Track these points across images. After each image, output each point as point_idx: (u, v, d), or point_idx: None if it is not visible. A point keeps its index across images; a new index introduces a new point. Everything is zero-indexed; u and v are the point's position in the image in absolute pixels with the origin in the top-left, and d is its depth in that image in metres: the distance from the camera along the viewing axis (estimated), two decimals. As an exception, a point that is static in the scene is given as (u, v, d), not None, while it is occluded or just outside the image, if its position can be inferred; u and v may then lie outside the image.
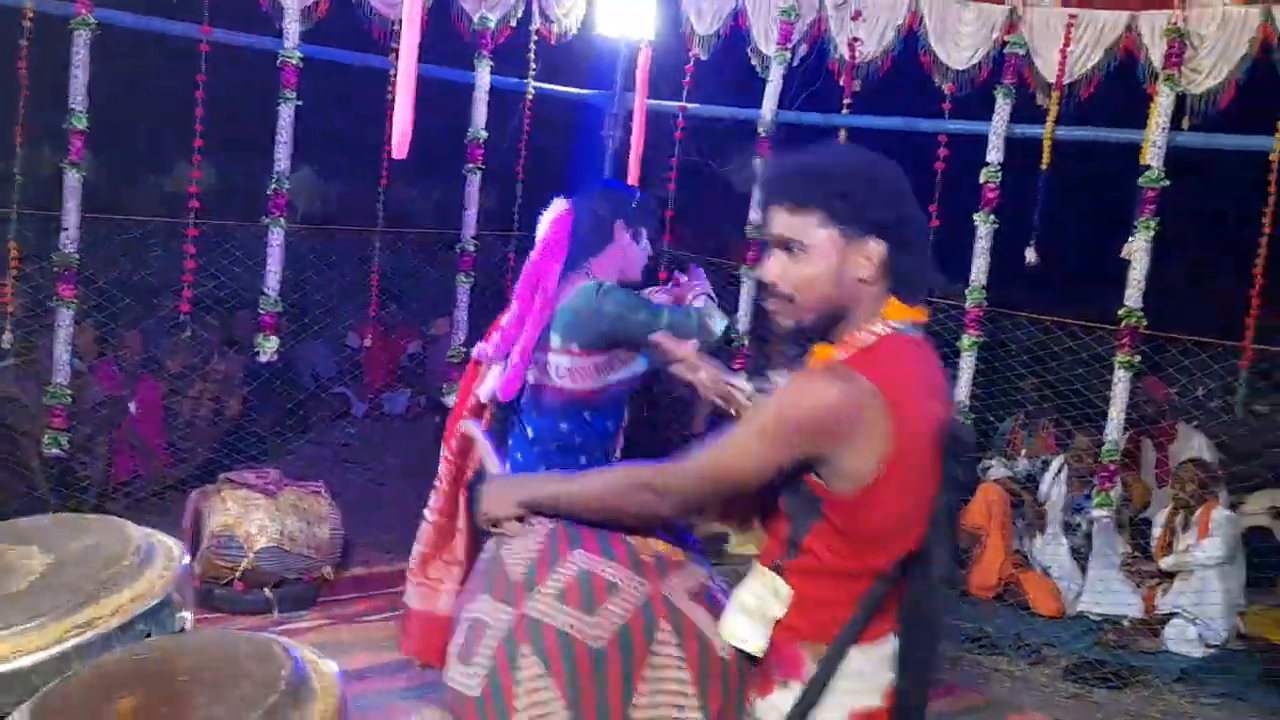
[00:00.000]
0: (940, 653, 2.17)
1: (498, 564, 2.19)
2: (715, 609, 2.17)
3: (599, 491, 2.22)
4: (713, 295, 3.90)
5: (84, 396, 6.01)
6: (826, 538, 2.03)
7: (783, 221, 2.10)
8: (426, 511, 3.97)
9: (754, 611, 2.09)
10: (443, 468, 4.00)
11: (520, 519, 2.23)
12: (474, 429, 3.06)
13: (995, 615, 5.92)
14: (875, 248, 2.05)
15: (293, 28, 5.80)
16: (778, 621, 2.07)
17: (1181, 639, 5.75)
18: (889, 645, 2.05)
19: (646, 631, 2.07)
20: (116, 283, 7.21)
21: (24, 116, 5.41)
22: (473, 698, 2.07)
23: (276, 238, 5.97)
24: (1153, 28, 5.53)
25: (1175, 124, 5.53)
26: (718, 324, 3.65)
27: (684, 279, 3.95)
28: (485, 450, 2.83)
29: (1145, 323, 5.64)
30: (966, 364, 5.99)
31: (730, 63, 6.85)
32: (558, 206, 3.83)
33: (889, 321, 2.08)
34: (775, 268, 2.11)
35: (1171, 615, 5.83)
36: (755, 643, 2.07)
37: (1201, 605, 5.78)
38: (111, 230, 6.52)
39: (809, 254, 2.07)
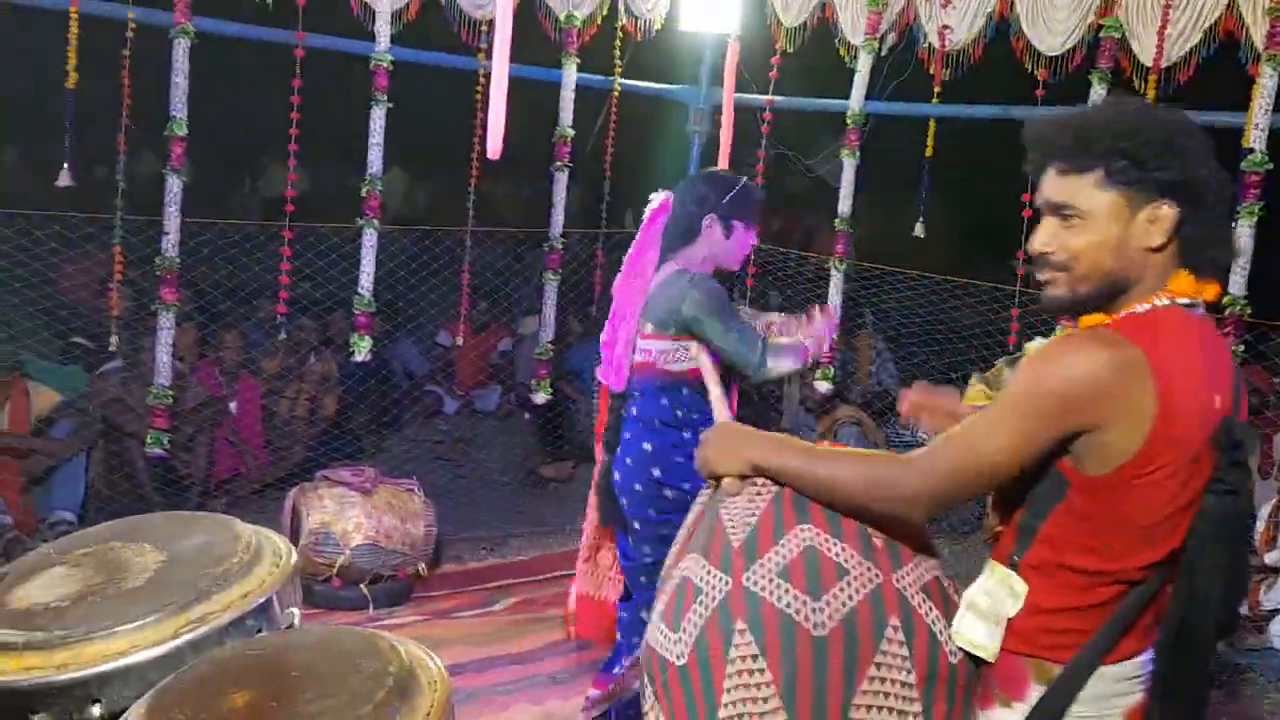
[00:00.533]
0: (1207, 689, 1.92)
1: (716, 523, 2.00)
2: (948, 606, 1.98)
3: (840, 479, 1.93)
4: (825, 344, 3.85)
5: (185, 397, 6.13)
6: (1069, 526, 1.85)
7: (1054, 184, 1.93)
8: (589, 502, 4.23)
9: (987, 612, 1.92)
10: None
11: (743, 477, 2.01)
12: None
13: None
14: (1166, 211, 1.85)
15: (384, 31, 5.86)
16: (1007, 622, 1.90)
17: (1290, 637, 5.61)
18: (1133, 663, 1.88)
19: (875, 625, 1.87)
20: (216, 285, 7.35)
21: (126, 125, 5.52)
22: (677, 665, 1.92)
23: (370, 239, 6.05)
24: (1255, 6, 5.38)
25: (1279, 106, 5.39)
26: (780, 365, 3.61)
27: (816, 319, 3.85)
28: (716, 395, 2.52)
29: (1249, 310, 5.50)
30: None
31: (817, 55, 6.79)
32: (657, 198, 3.90)
33: (1173, 295, 1.88)
34: (1045, 236, 1.93)
35: (1276, 611, 5.69)
36: (989, 646, 1.91)
37: (1312, 601, 5.64)
38: (211, 234, 6.62)
39: (1086, 220, 1.88)
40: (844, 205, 6.72)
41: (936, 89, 6.32)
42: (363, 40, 5.91)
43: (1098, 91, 5.79)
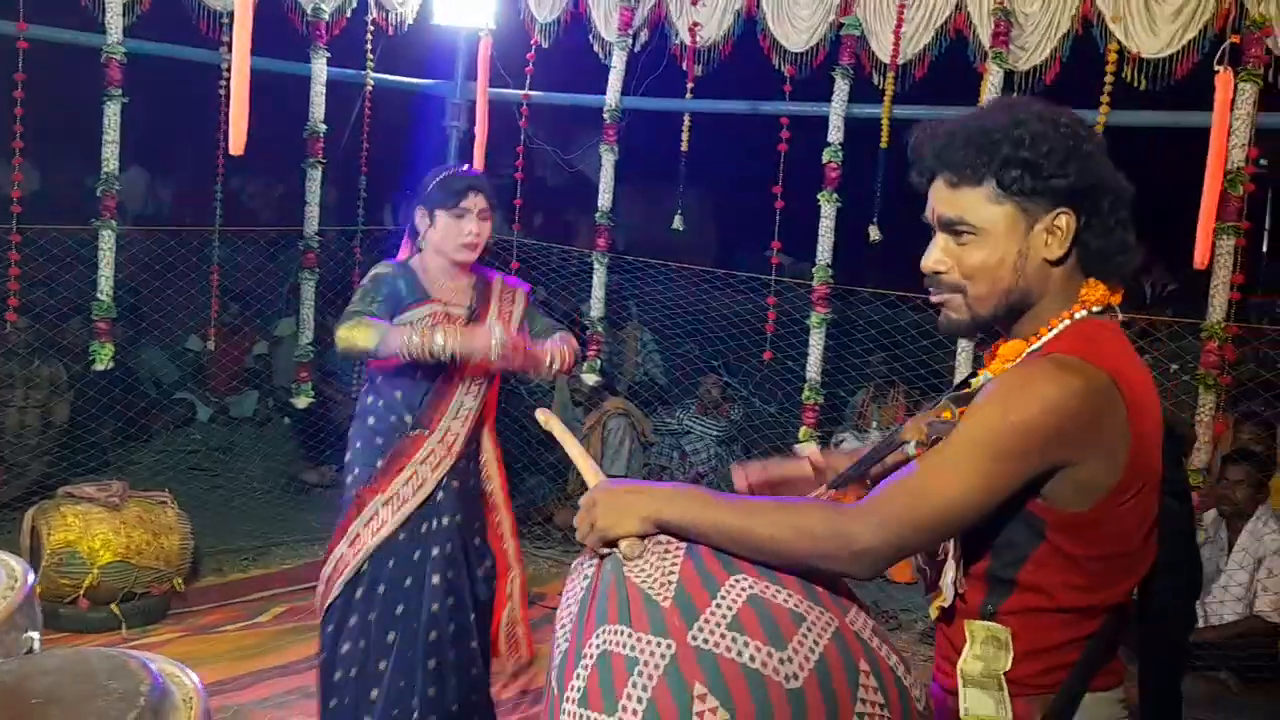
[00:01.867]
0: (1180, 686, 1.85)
1: (626, 588, 1.69)
2: (891, 647, 1.77)
3: (779, 538, 1.66)
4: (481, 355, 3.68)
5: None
6: (1053, 567, 1.72)
7: (945, 198, 1.79)
8: None
9: (985, 677, 1.77)
10: None
11: (642, 537, 1.72)
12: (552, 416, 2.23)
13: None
14: (1064, 221, 1.74)
15: (115, 22, 5.63)
16: (1003, 677, 1.75)
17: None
18: (1122, 690, 1.82)
19: (847, 670, 1.63)
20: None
21: None
22: None
23: (107, 240, 5.81)
24: (981, 7, 5.71)
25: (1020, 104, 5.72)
26: (355, 337, 3.61)
27: (482, 332, 3.64)
28: (571, 443, 2.03)
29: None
30: (815, 341, 6.13)
31: (573, 50, 6.87)
32: None
33: (1088, 305, 1.78)
34: (940, 255, 1.80)
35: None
36: (1002, 715, 1.76)
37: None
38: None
39: (981, 235, 1.76)
40: (604, 199, 6.82)
41: (689, 84, 6.48)
42: (91, 32, 5.67)
43: (840, 87, 6.04)
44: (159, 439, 7.87)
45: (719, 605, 1.63)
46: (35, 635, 1.98)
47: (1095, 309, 1.78)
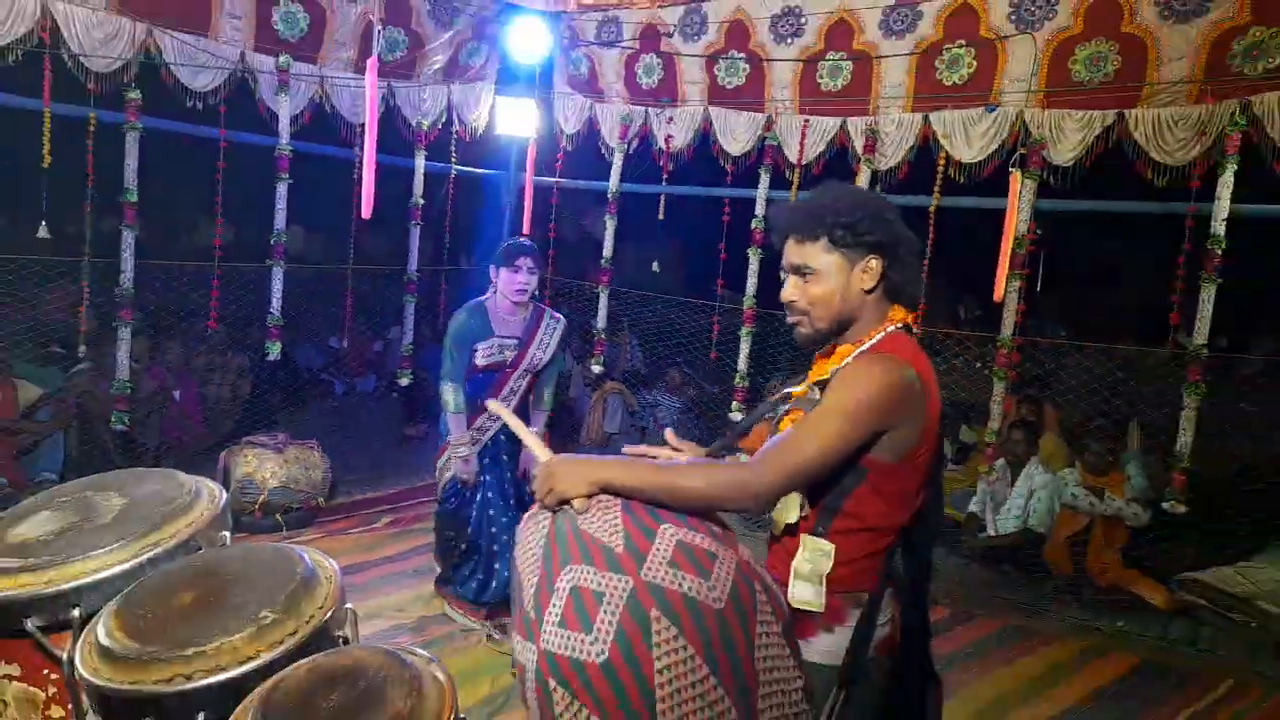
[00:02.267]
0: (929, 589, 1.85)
1: (583, 536, 1.56)
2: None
3: (698, 487, 1.58)
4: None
5: (140, 389, 5.75)
6: (868, 501, 1.70)
7: (795, 251, 1.79)
8: None
9: (810, 575, 1.73)
10: None
11: (588, 497, 1.61)
12: (501, 406, 2.12)
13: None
14: (874, 264, 1.75)
15: (284, 129, 5.63)
16: (826, 578, 1.72)
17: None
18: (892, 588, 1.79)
19: (749, 591, 1.56)
20: (161, 309, 6.91)
21: (91, 195, 5.15)
22: (599, 663, 1.47)
23: (278, 274, 5.83)
24: (857, 128, 5.74)
25: (871, 189, 5.76)
26: (445, 398, 3.76)
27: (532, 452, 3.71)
28: (519, 427, 1.90)
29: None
30: (745, 345, 6.16)
31: (588, 151, 6.87)
32: None
33: (894, 322, 1.79)
34: (792, 290, 1.80)
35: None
36: (817, 602, 1.72)
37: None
38: (157, 272, 6.23)
39: (818, 275, 1.76)
40: (607, 250, 6.82)
41: (665, 175, 6.49)
42: (269, 136, 5.67)
43: (763, 180, 6.06)
44: (310, 406, 7.84)
45: (658, 549, 1.53)
46: (226, 534, 2.00)
47: (899, 325, 1.79)
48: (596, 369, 6.98)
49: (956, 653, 4.15)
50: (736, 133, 6.16)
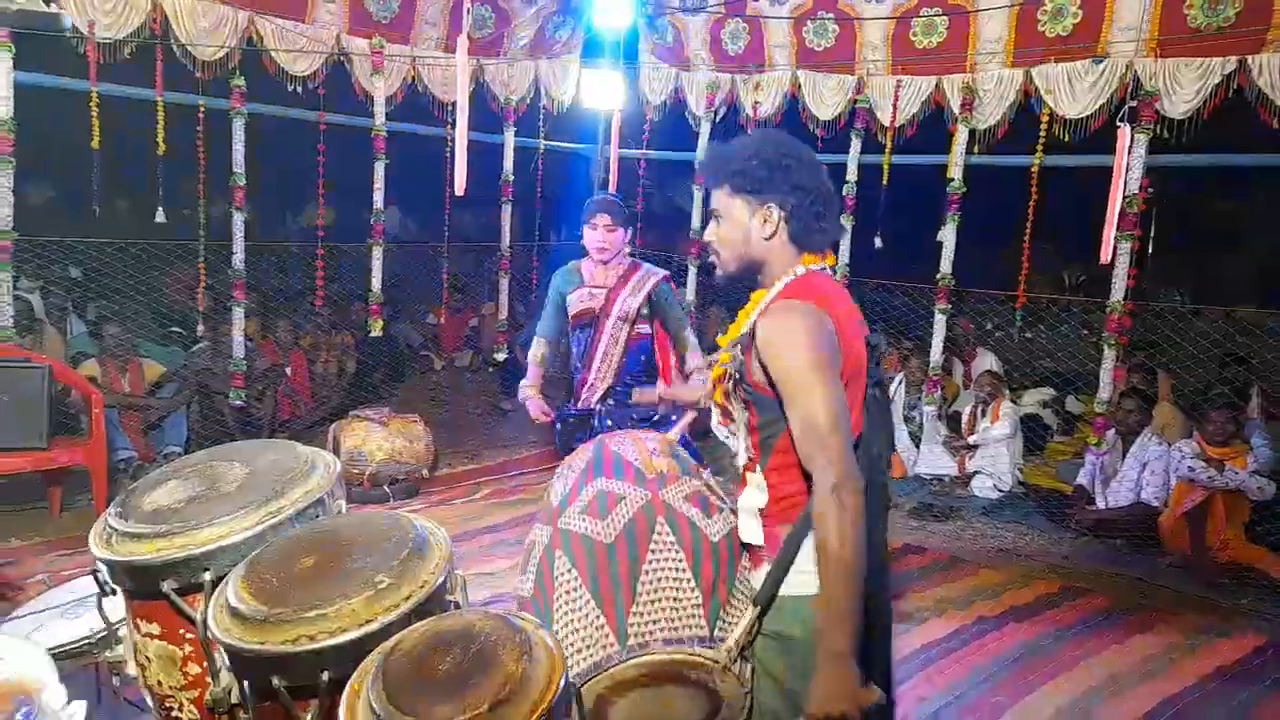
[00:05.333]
0: (883, 519, 1.78)
1: (546, 497, 2.02)
2: (707, 507, 1.89)
3: (840, 549, 1.55)
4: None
5: (255, 365, 5.98)
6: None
7: (712, 196, 1.85)
8: None
9: (749, 510, 1.81)
10: None
11: (864, 701, 1.55)
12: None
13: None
14: (772, 211, 1.76)
15: (380, 110, 5.74)
16: (761, 511, 1.78)
17: (983, 487, 5.85)
18: None
19: (648, 527, 1.83)
20: (271, 289, 7.17)
21: (203, 180, 5.36)
22: (528, 597, 1.90)
23: (377, 253, 5.96)
24: (953, 85, 5.52)
25: (969, 150, 5.55)
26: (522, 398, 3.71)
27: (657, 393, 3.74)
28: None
29: (954, 281, 5.68)
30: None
31: (674, 121, 6.80)
32: None
33: (805, 266, 1.79)
34: (709, 231, 1.86)
35: (976, 473, 5.93)
36: (757, 537, 1.79)
37: (995, 465, 5.87)
38: (267, 254, 6.46)
39: (725, 218, 1.81)
40: (696, 222, 6.76)
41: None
42: (365, 117, 5.78)
43: (855, 145, 5.89)
44: (411, 380, 8.03)
45: (579, 499, 1.90)
46: (343, 503, 2.04)
47: (813, 267, 1.78)
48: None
49: (1066, 630, 3.99)
50: (826, 96, 5.99)
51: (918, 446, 6.20)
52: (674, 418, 3.08)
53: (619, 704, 1.78)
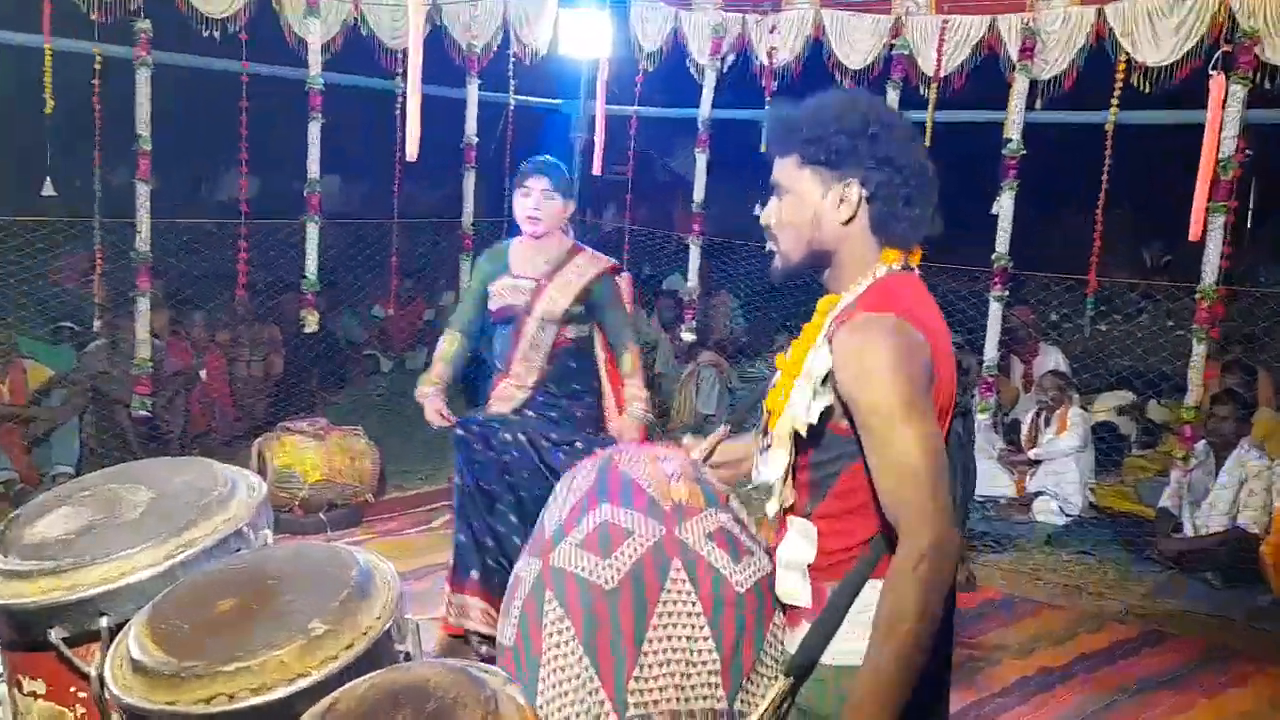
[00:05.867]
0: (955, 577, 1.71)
1: (539, 523, 1.93)
2: (735, 549, 1.82)
3: (916, 628, 1.54)
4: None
5: (162, 367, 5.98)
6: (861, 478, 1.65)
7: (775, 167, 1.76)
8: None
9: (794, 564, 1.75)
10: None
11: None
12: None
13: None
14: (852, 190, 1.69)
15: (315, 59, 5.73)
16: (809, 565, 1.72)
17: (1046, 511, 5.87)
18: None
19: (659, 570, 1.75)
20: (182, 275, 7.16)
21: (99, 143, 5.36)
22: (509, 647, 1.81)
23: (312, 232, 5.96)
24: (1010, 27, 5.54)
25: (1030, 105, 5.57)
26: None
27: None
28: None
29: (1011, 263, 5.71)
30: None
31: (672, 71, 6.81)
32: None
33: (887, 265, 1.72)
34: (767, 210, 1.78)
35: (1038, 494, 5.95)
36: (803, 596, 1.73)
37: (1061, 485, 5.89)
38: (176, 233, 6.46)
39: (791, 194, 1.73)
40: (698, 194, 6.79)
41: (767, 98, 6.37)
42: (297, 68, 5.77)
43: (892, 97, 5.90)
44: (353, 386, 8.02)
45: (577, 530, 1.81)
46: (269, 533, 2.05)
47: (895, 266, 1.72)
48: (688, 337, 6.96)
49: (1146, 679, 4.02)
50: (856, 41, 6.01)
51: (968, 463, 6.21)
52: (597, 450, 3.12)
53: None
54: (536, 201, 3.68)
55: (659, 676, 1.72)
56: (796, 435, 1.69)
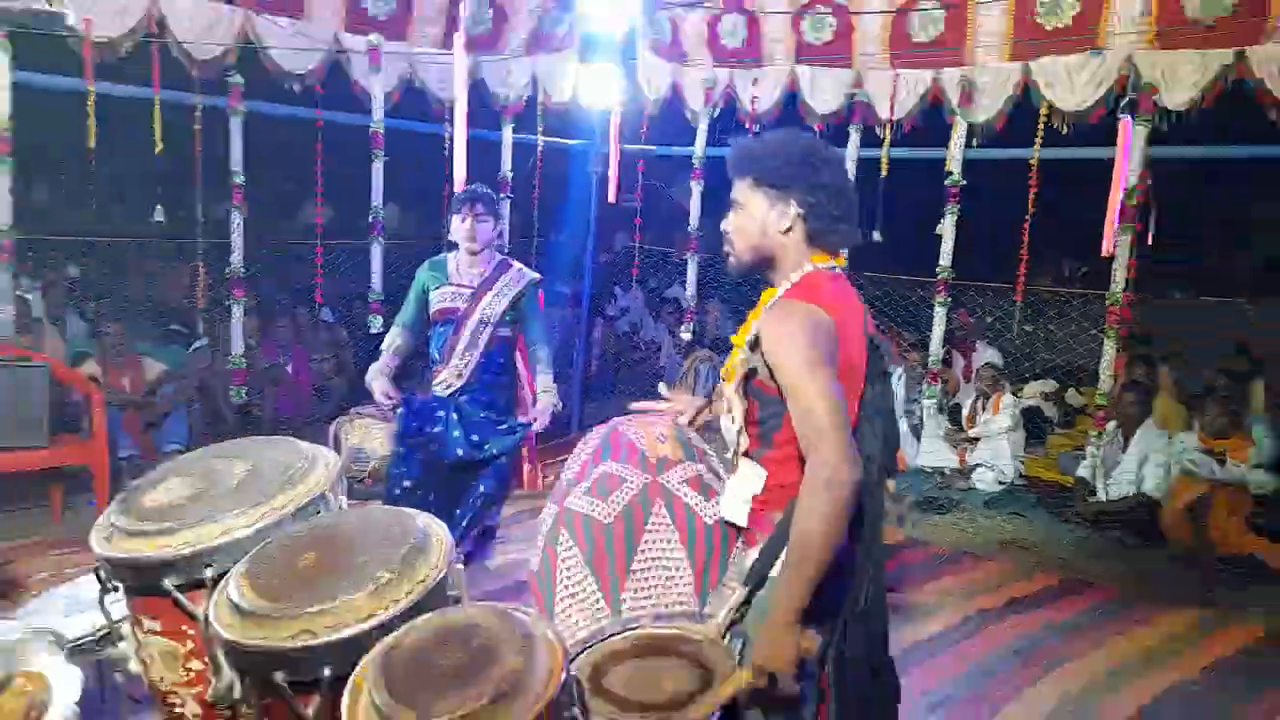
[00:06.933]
0: (880, 508, 1.81)
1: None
2: (705, 491, 2.01)
3: (818, 531, 1.60)
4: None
5: (255, 363, 5.99)
6: (792, 429, 1.71)
7: (733, 186, 1.87)
8: None
9: (739, 494, 1.84)
10: None
11: (804, 651, 1.66)
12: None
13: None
14: (791, 208, 1.79)
15: (378, 107, 5.73)
16: (756, 498, 1.81)
17: (984, 480, 5.85)
18: None
19: (644, 509, 1.97)
20: (269, 287, 7.17)
21: (200, 178, 5.37)
22: (535, 571, 2.04)
23: (377, 251, 5.97)
24: (951, 79, 5.52)
25: (968, 143, 5.55)
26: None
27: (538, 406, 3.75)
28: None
29: (953, 275, 5.69)
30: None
31: (673, 117, 6.79)
32: None
33: (814, 264, 1.81)
34: (727, 220, 1.87)
35: (977, 465, 5.93)
36: (740, 518, 1.84)
37: (997, 458, 5.88)
38: (264, 252, 6.47)
39: (744, 208, 1.83)
40: (694, 219, 6.77)
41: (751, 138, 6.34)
42: (363, 115, 5.78)
43: (853, 138, 5.89)
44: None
45: (585, 481, 2.04)
46: (344, 500, 2.05)
47: (821, 266, 1.80)
48: (687, 336, 6.95)
49: (1067, 622, 4.00)
50: (824, 91, 5.99)
51: (919, 439, 6.20)
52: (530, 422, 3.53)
53: (613, 673, 1.82)
54: (471, 225, 3.66)
55: (645, 588, 1.89)
56: (745, 392, 1.79)
